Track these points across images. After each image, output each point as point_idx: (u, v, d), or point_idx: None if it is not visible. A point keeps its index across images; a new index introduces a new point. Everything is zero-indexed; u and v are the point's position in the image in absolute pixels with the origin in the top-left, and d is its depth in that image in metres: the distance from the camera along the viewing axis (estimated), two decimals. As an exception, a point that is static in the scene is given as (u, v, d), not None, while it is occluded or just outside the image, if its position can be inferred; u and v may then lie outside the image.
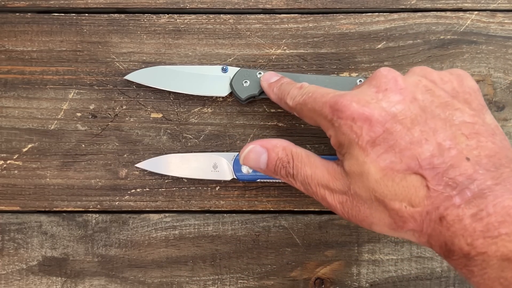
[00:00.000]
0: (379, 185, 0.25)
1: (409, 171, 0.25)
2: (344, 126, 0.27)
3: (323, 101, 0.28)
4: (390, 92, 0.26)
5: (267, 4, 0.39)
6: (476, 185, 0.23)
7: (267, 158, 0.31)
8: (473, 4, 0.39)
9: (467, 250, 0.23)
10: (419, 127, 0.25)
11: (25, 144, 0.39)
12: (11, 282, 0.39)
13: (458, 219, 0.23)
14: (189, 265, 0.39)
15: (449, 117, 0.26)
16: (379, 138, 0.25)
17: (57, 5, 0.39)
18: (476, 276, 0.23)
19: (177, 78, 0.38)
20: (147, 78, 0.38)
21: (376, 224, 0.27)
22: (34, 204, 0.39)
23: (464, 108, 0.26)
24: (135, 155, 0.39)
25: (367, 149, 0.26)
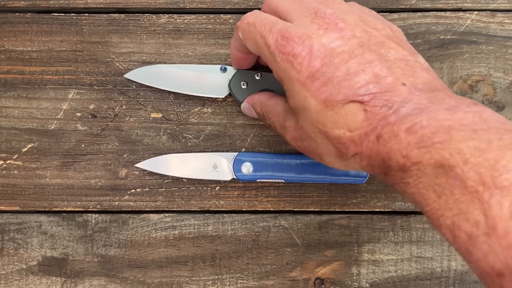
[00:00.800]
0: (320, 116, 0.27)
1: (347, 99, 0.26)
2: (284, 62, 0.27)
3: (271, 28, 0.29)
4: (330, 30, 0.27)
5: (267, 4, 0.39)
6: (412, 104, 0.24)
7: (256, 112, 0.35)
8: (473, 4, 0.39)
9: (403, 162, 0.24)
10: (356, 59, 0.26)
11: (25, 144, 0.39)
12: (11, 282, 0.39)
13: (393, 135, 0.24)
14: (189, 265, 0.39)
15: (385, 54, 0.27)
16: (318, 72, 0.26)
17: (57, 5, 0.39)
18: (412, 187, 0.24)
19: (176, 77, 0.37)
20: (146, 77, 0.38)
21: (325, 155, 0.29)
22: (34, 204, 0.39)
23: (398, 48, 0.28)
24: (135, 155, 0.39)
25: (307, 83, 0.27)
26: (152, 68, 0.38)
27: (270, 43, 0.28)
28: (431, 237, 0.39)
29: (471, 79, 0.39)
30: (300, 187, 0.39)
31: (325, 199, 0.39)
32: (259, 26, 0.29)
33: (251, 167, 0.37)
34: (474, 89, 0.39)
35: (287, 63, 0.27)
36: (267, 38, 0.28)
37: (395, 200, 0.39)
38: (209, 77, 0.37)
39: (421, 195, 0.23)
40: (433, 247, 0.39)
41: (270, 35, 0.28)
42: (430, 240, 0.39)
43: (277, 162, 0.37)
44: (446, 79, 0.39)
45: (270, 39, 0.28)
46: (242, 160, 0.37)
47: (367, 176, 0.37)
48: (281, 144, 0.39)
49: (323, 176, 0.37)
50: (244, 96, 0.37)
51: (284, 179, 0.37)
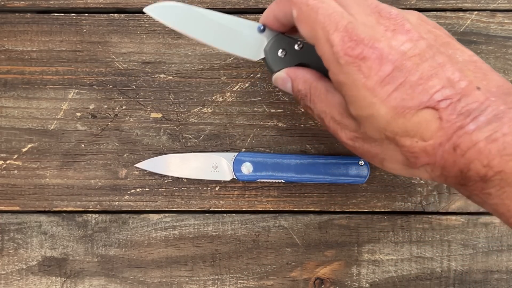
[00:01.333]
0: (390, 125, 0.25)
1: (421, 106, 0.24)
2: (350, 65, 0.25)
3: (337, 23, 0.26)
4: (398, 32, 0.26)
5: (267, 4, 0.39)
6: (490, 110, 0.23)
7: (291, 87, 0.31)
8: (473, 4, 0.39)
9: (484, 172, 0.23)
10: (428, 63, 0.25)
11: (25, 144, 0.39)
12: (11, 282, 0.39)
13: (472, 144, 0.23)
14: (189, 265, 0.39)
15: (453, 55, 0.26)
16: (389, 77, 0.25)
17: (57, 5, 0.39)
18: (494, 198, 0.23)
19: (205, 24, 0.31)
20: (170, 16, 0.30)
21: (388, 161, 0.27)
22: (33, 204, 0.39)
23: (463, 49, 0.27)
24: (135, 155, 0.39)
25: (376, 89, 0.25)
26: (178, 7, 0.30)
27: (335, 41, 0.25)
28: (431, 237, 0.39)
29: (471, 79, 0.39)
30: (300, 187, 0.39)
31: (325, 199, 0.39)
32: (322, 15, 0.26)
33: (251, 167, 0.37)
34: (474, 89, 0.39)
35: (353, 67, 0.25)
36: (331, 35, 0.26)
37: (395, 200, 0.39)
38: (244, 35, 0.32)
39: (505, 206, 0.23)
40: (433, 247, 0.39)
41: (336, 32, 0.25)
42: (430, 240, 0.39)
43: (277, 162, 0.37)
44: (446, 79, 0.39)
45: (335, 37, 0.25)
46: (242, 160, 0.37)
47: (367, 176, 0.37)
48: (281, 144, 0.39)
49: (323, 176, 0.37)
50: (280, 66, 0.32)
51: (284, 179, 0.37)
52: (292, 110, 0.39)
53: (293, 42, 0.32)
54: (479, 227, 0.39)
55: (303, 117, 0.39)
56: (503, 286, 0.39)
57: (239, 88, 0.39)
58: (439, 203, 0.39)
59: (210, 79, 0.39)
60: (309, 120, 0.39)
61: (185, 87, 0.39)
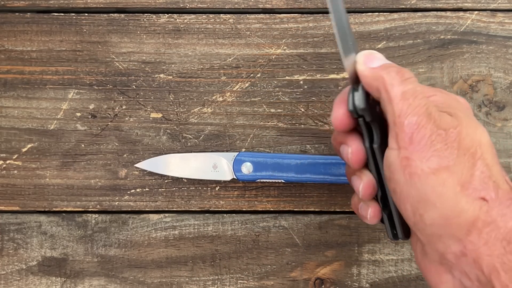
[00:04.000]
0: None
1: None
2: (433, 241, 0.25)
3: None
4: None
5: (267, 4, 0.39)
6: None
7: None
8: (473, 4, 0.39)
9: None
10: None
11: (25, 144, 0.39)
12: (11, 283, 0.39)
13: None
14: (189, 265, 0.39)
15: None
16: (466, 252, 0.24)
17: (57, 5, 0.39)
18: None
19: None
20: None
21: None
22: (33, 204, 0.39)
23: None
24: (135, 155, 0.39)
25: (452, 268, 0.25)
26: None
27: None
28: (431, 237, 0.39)
29: (472, 79, 0.39)
30: (300, 187, 0.39)
31: (325, 199, 0.39)
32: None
33: (251, 167, 0.37)
34: (474, 89, 0.39)
35: (434, 241, 0.25)
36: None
37: (395, 200, 0.39)
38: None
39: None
40: (433, 247, 0.39)
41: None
42: (430, 240, 0.39)
43: (277, 162, 0.37)
44: (446, 79, 0.39)
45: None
46: (242, 160, 0.37)
47: (367, 176, 0.37)
48: (281, 144, 0.39)
49: (323, 176, 0.37)
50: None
51: (284, 179, 0.37)
52: (292, 110, 0.39)
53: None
54: (479, 227, 0.39)
55: (303, 117, 0.39)
56: (504, 286, 0.39)
57: (239, 88, 0.39)
58: (440, 203, 0.39)
59: (210, 79, 0.39)
60: (309, 120, 0.39)
61: (185, 87, 0.39)
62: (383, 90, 0.26)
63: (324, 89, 0.39)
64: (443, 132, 0.25)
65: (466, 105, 0.28)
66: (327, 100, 0.39)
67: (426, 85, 0.38)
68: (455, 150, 0.24)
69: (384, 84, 0.26)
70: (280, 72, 0.39)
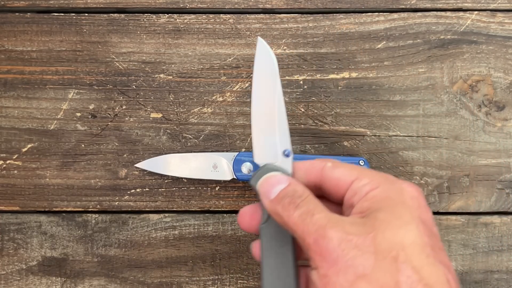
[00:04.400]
0: None
1: None
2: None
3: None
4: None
5: (267, 4, 0.39)
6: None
7: (282, 188, 0.27)
8: (473, 4, 0.39)
9: None
10: None
11: (25, 144, 0.39)
12: (11, 282, 0.39)
13: None
14: (189, 265, 0.39)
15: None
16: None
17: (57, 5, 0.39)
18: None
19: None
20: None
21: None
22: (33, 204, 0.39)
23: None
24: (135, 155, 0.39)
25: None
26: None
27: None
28: (431, 237, 0.39)
29: (471, 79, 0.39)
30: (300, 187, 0.39)
31: (325, 199, 0.39)
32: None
33: (251, 167, 0.37)
34: (474, 89, 0.39)
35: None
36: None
37: (395, 200, 0.39)
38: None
39: None
40: (433, 247, 0.39)
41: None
42: (430, 240, 0.39)
43: (277, 162, 0.37)
44: (446, 79, 0.39)
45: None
46: (242, 160, 0.37)
47: (367, 176, 0.37)
48: (281, 144, 0.39)
49: (323, 176, 0.37)
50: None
51: (284, 179, 0.37)
52: (292, 110, 0.39)
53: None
54: (479, 227, 0.39)
55: (303, 117, 0.39)
56: (503, 286, 0.39)
57: (239, 88, 0.39)
58: (439, 203, 0.39)
59: (210, 79, 0.39)
60: (309, 120, 0.39)
61: (185, 87, 0.39)
62: (283, 223, 0.26)
63: (324, 89, 0.39)
64: (354, 237, 0.23)
65: (411, 194, 0.25)
66: (327, 100, 0.39)
67: (425, 85, 0.39)
68: (371, 256, 0.22)
69: (282, 218, 0.26)
70: (280, 72, 0.39)
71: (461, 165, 0.39)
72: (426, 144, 0.39)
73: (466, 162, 0.39)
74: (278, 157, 0.29)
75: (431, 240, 0.23)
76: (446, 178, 0.39)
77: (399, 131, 0.39)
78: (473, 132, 0.39)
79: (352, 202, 0.26)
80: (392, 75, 0.39)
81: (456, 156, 0.39)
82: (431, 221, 0.25)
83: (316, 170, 0.28)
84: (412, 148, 0.39)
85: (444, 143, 0.39)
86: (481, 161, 0.39)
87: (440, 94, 0.39)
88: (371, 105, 0.39)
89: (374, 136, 0.39)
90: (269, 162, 0.28)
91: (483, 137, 0.39)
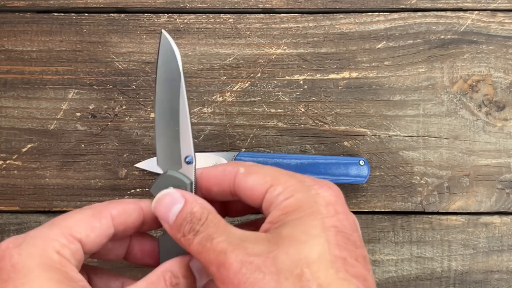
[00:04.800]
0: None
1: None
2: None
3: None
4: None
5: (267, 4, 0.39)
6: None
7: (179, 209, 0.25)
8: (474, 3, 0.39)
9: None
10: None
11: (25, 144, 0.39)
12: (11, 282, 0.38)
13: None
14: (189, 265, 0.39)
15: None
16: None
17: (57, 5, 0.39)
18: None
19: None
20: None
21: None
22: (33, 204, 0.39)
23: None
24: (135, 155, 0.39)
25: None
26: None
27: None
28: (431, 237, 0.39)
29: (472, 79, 0.39)
30: (300, 187, 0.39)
31: (325, 199, 0.39)
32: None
33: (251, 167, 0.37)
34: (474, 89, 0.39)
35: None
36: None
37: (395, 200, 0.39)
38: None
39: None
40: (433, 247, 0.39)
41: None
42: (430, 240, 0.39)
43: (277, 162, 0.37)
44: (446, 79, 0.39)
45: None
46: (242, 160, 0.37)
47: (367, 176, 0.37)
48: (281, 144, 0.39)
49: (323, 176, 0.37)
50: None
51: (284, 179, 0.37)
52: (292, 110, 0.39)
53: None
54: (479, 227, 0.39)
55: (303, 117, 0.39)
56: (504, 286, 0.39)
57: (239, 88, 0.39)
58: (440, 203, 0.39)
59: (210, 79, 0.39)
60: (309, 120, 0.39)
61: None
62: (187, 250, 0.24)
63: (324, 89, 0.39)
64: (255, 259, 0.21)
65: (326, 200, 0.23)
66: (327, 100, 0.39)
67: (426, 85, 0.39)
68: (274, 277, 0.21)
69: (184, 247, 0.24)
70: (280, 72, 0.39)
71: (461, 165, 0.39)
72: (426, 144, 0.39)
73: (466, 162, 0.39)
74: (181, 164, 0.27)
75: (344, 251, 0.22)
76: (446, 178, 0.39)
77: (399, 131, 0.39)
78: (473, 132, 0.39)
79: (269, 212, 0.24)
80: (392, 75, 0.39)
81: (456, 156, 0.39)
82: (350, 227, 0.23)
83: (228, 178, 0.26)
84: (412, 148, 0.39)
85: (444, 143, 0.39)
86: (481, 161, 0.39)
87: (440, 94, 0.39)
88: (371, 105, 0.39)
89: (374, 136, 0.39)
90: (172, 168, 0.27)
91: (483, 137, 0.39)
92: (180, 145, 0.27)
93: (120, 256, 0.28)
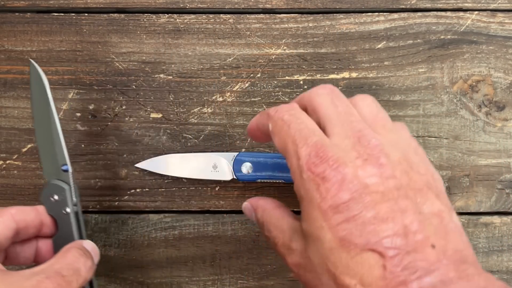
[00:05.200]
0: (333, 255, 0.23)
1: (367, 246, 0.23)
2: (311, 181, 0.24)
3: (307, 138, 0.25)
4: (369, 163, 0.24)
5: (267, 4, 0.39)
6: (438, 274, 0.22)
7: (255, 217, 0.31)
8: (474, 4, 0.39)
9: None
10: (389, 204, 0.23)
11: (25, 144, 0.39)
12: (11, 283, 0.38)
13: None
14: (188, 265, 0.39)
15: (420, 204, 0.24)
16: (343, 205, 0.23)
17: (57, 4, 0.39)
18: None
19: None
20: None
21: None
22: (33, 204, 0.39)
23: (436, 201, 0.25)
24: (135, 155, 0.39)
25: (328, 213, 0.24)
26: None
27: (302, 155, 0.25)
28: (431, 237, 0.39)
29: (472, 79, 0.39)
30: (300, 187, 0.39)
31: (325, 199, 0.39)
32: (294, 129, 0.26)
33: (251, 167, 0.37)
34: (474, 89, 0.39)
35: (313, 184, 0.24)
36: (300, 148, 0.25)
37: (395, 200, 0.39)
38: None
39: None
40: (433, 247, 0.39)
41: (304, 146, 0.25)
42: (431, 240, 0.39)
43: (277, 162, 0.37)
44: (446, 79, 0.39)
45: (303, 151, 0.25)
46: (242, 160, 0.37)
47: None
48: (281, 144, 0.39)
49: (323, 176, 0.37)
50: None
51: (284, 179, 0.37)
52: (292, 110, 0.39)
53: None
54: (479, 227, 0.39)
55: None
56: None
57: (239, 88, 0.39)
58: (440, 203, 0.39)
59: (210, 79, 0.39)
60: (309, 120, 0.39)
61: (185, 87, 0.39)
62: None
63: (324, 89, 0.39)
64: (302, 261, 0.26)
65: (316, 181, 0.25)
66: (327, 100, 0.39)
67: (426, 85, 0.39)
68: (315, 275, 0.25)
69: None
70: (280, 72, 0.39)
71: (461, 165, 0.39)
72: (426, 144, 0.39)
73: (466, 162, 0.39)
74: (60, 172, 0.33)
75: (346, 224, 0.23)
76: (446, 178, 0.39)
77: (399, 131, 0.39)
78: (473, 132, 0.39)
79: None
80: (392, 75, 0.39)
81: (456, 156, 0.39)
82: (338, 188, 0.24)
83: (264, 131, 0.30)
84: (412, 148, 0.39)
85: (444, 143, 0.39)
86: (481, 161, 0.39)
87: (440, 94, 0.39)
88: (371, 105, 0.39)
89: (374, 136, 0.39)
90: (54, 177, 0.32)
91: (483, 137, 0.39)
92: (57, 156, 0.32)
93: (29, 258, 0.32)
